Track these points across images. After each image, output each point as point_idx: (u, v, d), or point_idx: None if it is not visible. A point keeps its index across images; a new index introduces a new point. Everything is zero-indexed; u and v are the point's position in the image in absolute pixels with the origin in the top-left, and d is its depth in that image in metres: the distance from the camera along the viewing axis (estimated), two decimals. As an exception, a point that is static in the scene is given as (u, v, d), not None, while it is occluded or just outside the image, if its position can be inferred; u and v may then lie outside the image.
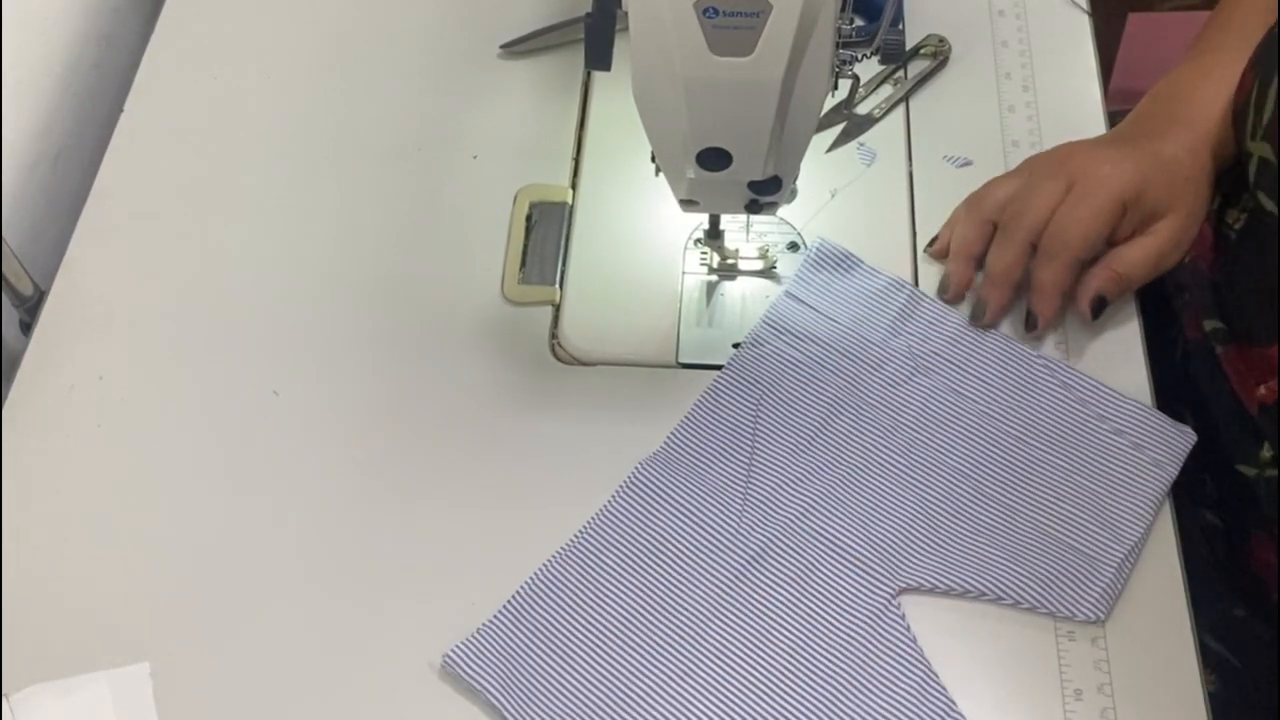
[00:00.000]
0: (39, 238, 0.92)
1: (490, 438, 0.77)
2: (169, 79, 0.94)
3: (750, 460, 0.75)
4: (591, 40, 0.65)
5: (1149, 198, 0.76)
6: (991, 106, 0.90)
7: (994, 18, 0.94)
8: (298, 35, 0.96)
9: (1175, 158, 0.77)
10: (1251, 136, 0.73)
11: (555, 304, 0.83)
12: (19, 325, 0.87)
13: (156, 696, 0.69)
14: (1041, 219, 0.77)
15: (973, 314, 0.79)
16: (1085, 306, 0.77)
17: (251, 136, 0.91)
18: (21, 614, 0.72)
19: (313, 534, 0.75)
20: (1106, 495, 0.73)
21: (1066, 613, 0.70)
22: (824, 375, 0.78)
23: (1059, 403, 0.77)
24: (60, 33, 0.96)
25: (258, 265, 0.85)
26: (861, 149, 0.88)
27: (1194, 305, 0.80)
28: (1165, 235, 0.77)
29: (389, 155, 0.90)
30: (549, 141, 0.90)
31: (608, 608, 0.71)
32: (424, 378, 0.80)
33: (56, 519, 0.75)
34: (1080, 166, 0.77)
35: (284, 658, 0.71)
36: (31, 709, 0.68)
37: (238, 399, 0.79)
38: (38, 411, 0.79)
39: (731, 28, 0.60)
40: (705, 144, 0.67)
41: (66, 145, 0.96)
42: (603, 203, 0.87)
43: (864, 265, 0.82)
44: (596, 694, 0.69)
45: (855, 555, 0.72)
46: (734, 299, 0.83)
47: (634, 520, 0.74)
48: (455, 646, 0.69)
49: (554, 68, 0.94)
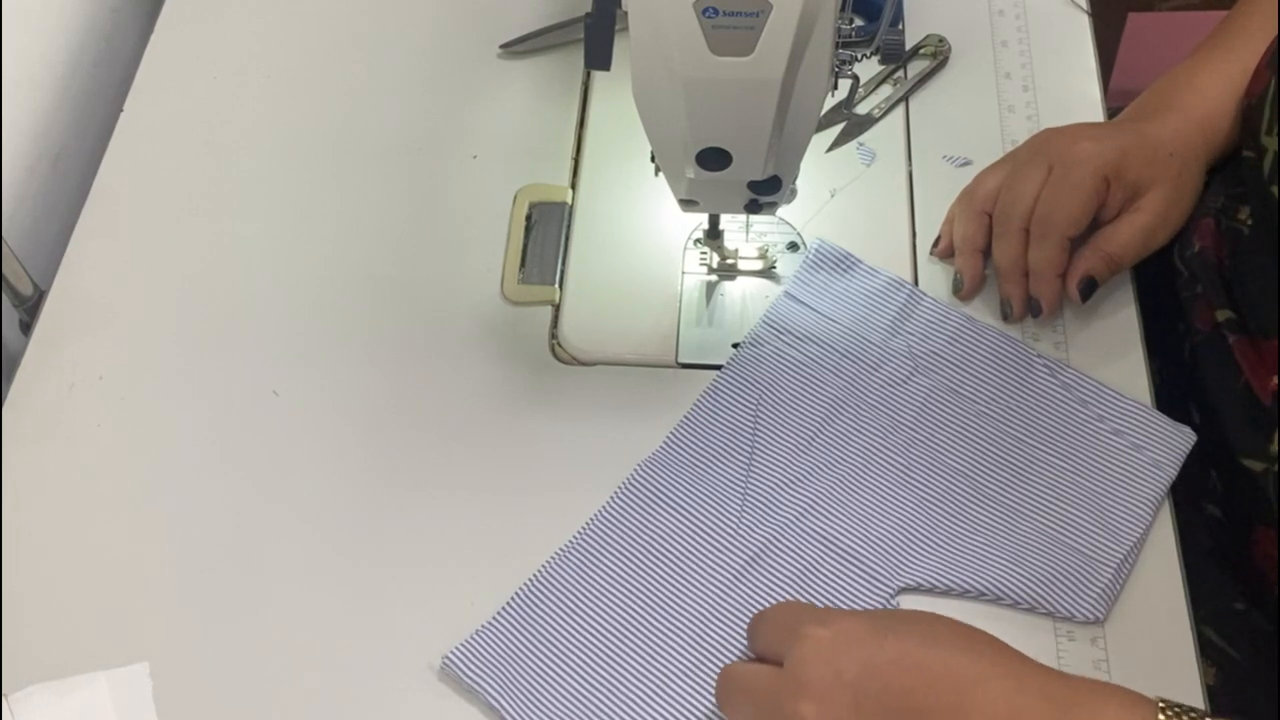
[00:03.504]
0: (39, 238, 0.92)
1: (490, 438, 0.77)
2: (169, 79, 0.94)
3: (750, 460, 0.75)
4: (591, 40, 0.65)
5: (1131, 172, 0.76)
6: (991, 106, 0.90)
7: (994, 18, 0.94)
8: (298, 35, 0.96)
9: (1159, 135, 0.78)
10: (1267, 132, 0.73)
11: (555, 304, 0.83)
12: (19, 325, 0.87)
13: (156, 696, 0.69)
14: (1029, 204, 0.77)
15: (1002, 313, 0.80)
16: (1074, 288, 0.78)
17: (251, 136, 0.91)
18: (21, 614, 0.72)
19: (312, 534, 0.75)
20: (1106, 495, 0.73)
21: (1066, 613, 0.70)
22: (823, 375, 0.78)
23: (1058, 403, 0.77)
24: (60, 33, 0.96)
25: (258, 265, 0.85)
26: (861, 149, 0.89)
27: (1205, 295, 0.80)
28: (1151, 211, 0.77)
29: (389, 155, 0.90)
30: (549, 141, 0.90)
31: (607, 608, 0.71)
32: (424, 378, 0.80)
33: (56, 519, 0.75)
34: (1061, 148, 0.77)
35: (284, 658, 0.71)
36: (31, 709, 0.68)
37: (238, 399, 0.79)
38: (38, 411, 0.79)
39: (731, 28, 0.60)
40: (705, 144, 0.67)
41: (66, 145, 0.96)
42: (603, 203, 0.87)
43: (863, 265, 0.82)
44: (596, 694, 0.69)
45: (855, 555, 0.72)
46: (734, 299, 0.83)
47: (634, 521, 0.74)
48: (455, 647, 0.69)
49: (554, 68, 0.94)
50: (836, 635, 0.60)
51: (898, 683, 0.58)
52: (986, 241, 0.81)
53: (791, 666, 0.60)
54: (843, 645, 0.59)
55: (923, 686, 0.58)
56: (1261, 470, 0.75)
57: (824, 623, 0.61)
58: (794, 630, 0.61)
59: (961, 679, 0.58)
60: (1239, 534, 0.79)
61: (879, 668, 0.58)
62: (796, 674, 0.60)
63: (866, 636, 0.60)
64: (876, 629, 0.60)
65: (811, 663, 0.59)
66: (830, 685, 0.58)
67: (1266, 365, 0.74)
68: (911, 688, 0.58)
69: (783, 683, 0.60)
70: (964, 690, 0.57)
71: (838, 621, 0.61)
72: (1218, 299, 0.79)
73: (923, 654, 0.59)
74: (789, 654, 0.60)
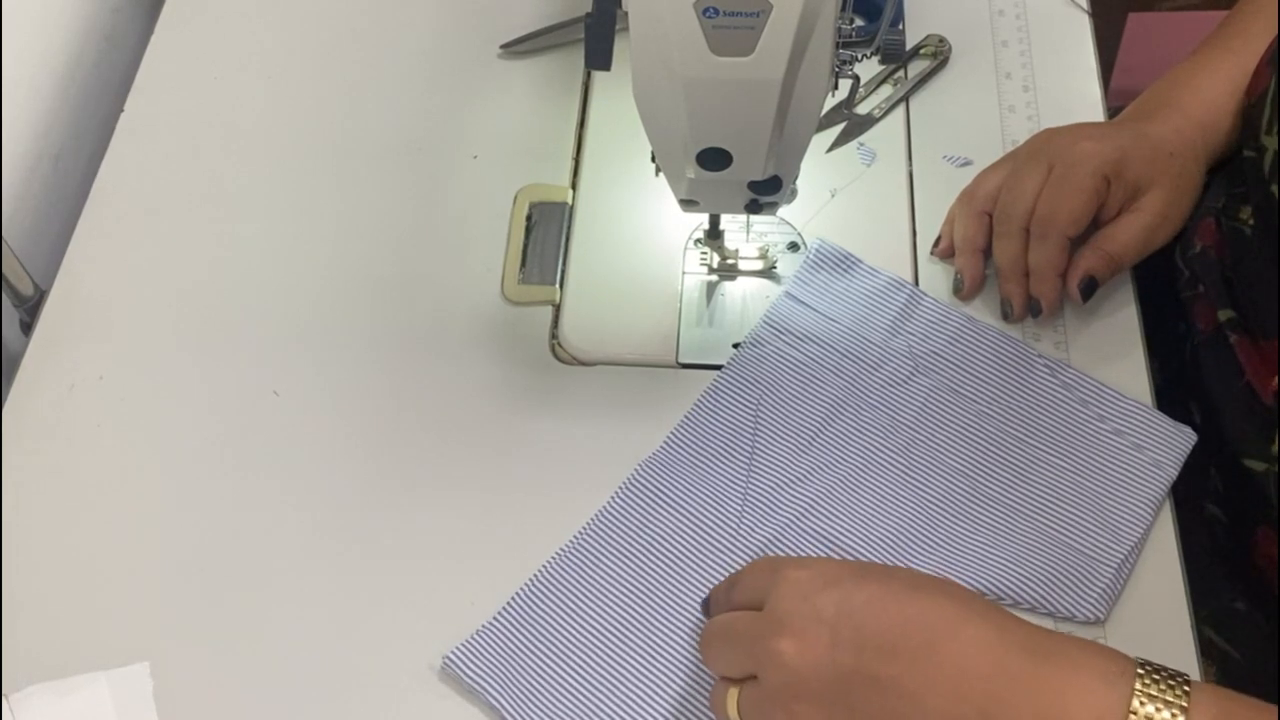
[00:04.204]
0: (39, 238, 0.92)
1: (490, 438, 0.77)
2: (169, 79, 0.94)
3: (750, 460, 0.75)
4: (591, 40, 0.65)
5: (1131, 171, 0.76)
6: (991, 106, 0.90)
7: (994, 18, 0.94)
8: (298, 35, 0.96)
9: (1159, 134, 0.78)
10: (1267, 131, 0.73)
11: (555, 304, 0.83)
12: (19, 325, 0.87)
13: (156, 696, 0.69)
14: (1029, 204, 0.77)
15: (1003, 313, 0.80)
16: (1074, 287, 0.78)
17: (251, 136, 0.91)
18: (21, 614, 0.72)
19: (312, 534, 0.75)
20: (1106, 495, 0.73)
21: (1066, 613, 0.70)
22: (824, 375, 0.78)
23: (1059, 403, 0.77)
24: (60, 32, 0.96)
25: (258, 265, 0.85)
26: (861, 149, 0.89)
27: (1207, 295, 0.80)
28: (1152, 211, 0.77)
29: (389, 155, 0.90)
30: (549, 141, 0.90)
31: (608, 608, 0.71)
32: (424, 378, 0.80)
33: (56, 519, 0.75)
34: (1060, 147, 0.78)
35: (284, 658, 0.71)
36: (31, 709, 0.68)
37: (238, 399, 0.79)
38: (38, 411, 0.79)
39: (731, 28, 0.60)
40: (705, 144, 0.67)
41: (66, 145, 0.96)
42: (603, 203, 0.87)
43: (864, 265, 0.82)
44: (596, 694, 0.69)
45: (855, 555, 0.72)
46: (734, 299, 0.83)
47: (634, 520, 0.74)
48: (455, 647, 0.69)
49: (554, 68, 0.94)
50: (815, 576, 0.60)
51: (873, 622, 0.58)
52: (987, 241, 0.81)
53: (771, 607, 0.60)
54: (821, 585, 0.59)
55: (898, 626, 0.57)
56: (1263, 470, 0.75)
57: (803, 565, 0.61)
58: (773, 574, 0.61)
59: (938, 623, 0.57)
60: (1240, 534, 0.79)
61: (856, 607, 0.58)
62: (775, 613, 0.59)
63: (845, 578, 0.59)
64: (856, 572, 0.60)
65: (790, 600, 0.59)
66: (808, 622, 0.58)
67: (1268, 365, 0.74)
68: (887, 627, 0.57)
69: (762, 624, 0.60)
70: (940, 633, 0.57)
71: (817, 564, 0.61)
72: (1219, 299, 0.79)
73: (902, 596, 0.58)
74: (768, 596, 0.60)
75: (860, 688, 0.57)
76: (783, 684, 0.59)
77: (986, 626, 0.57)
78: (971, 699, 0.56)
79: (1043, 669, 0.56)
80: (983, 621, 0.57)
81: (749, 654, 0.60)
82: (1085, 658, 0.57)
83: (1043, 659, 0.56)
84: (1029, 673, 0.56)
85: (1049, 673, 0.56)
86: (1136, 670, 0.56)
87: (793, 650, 0.58)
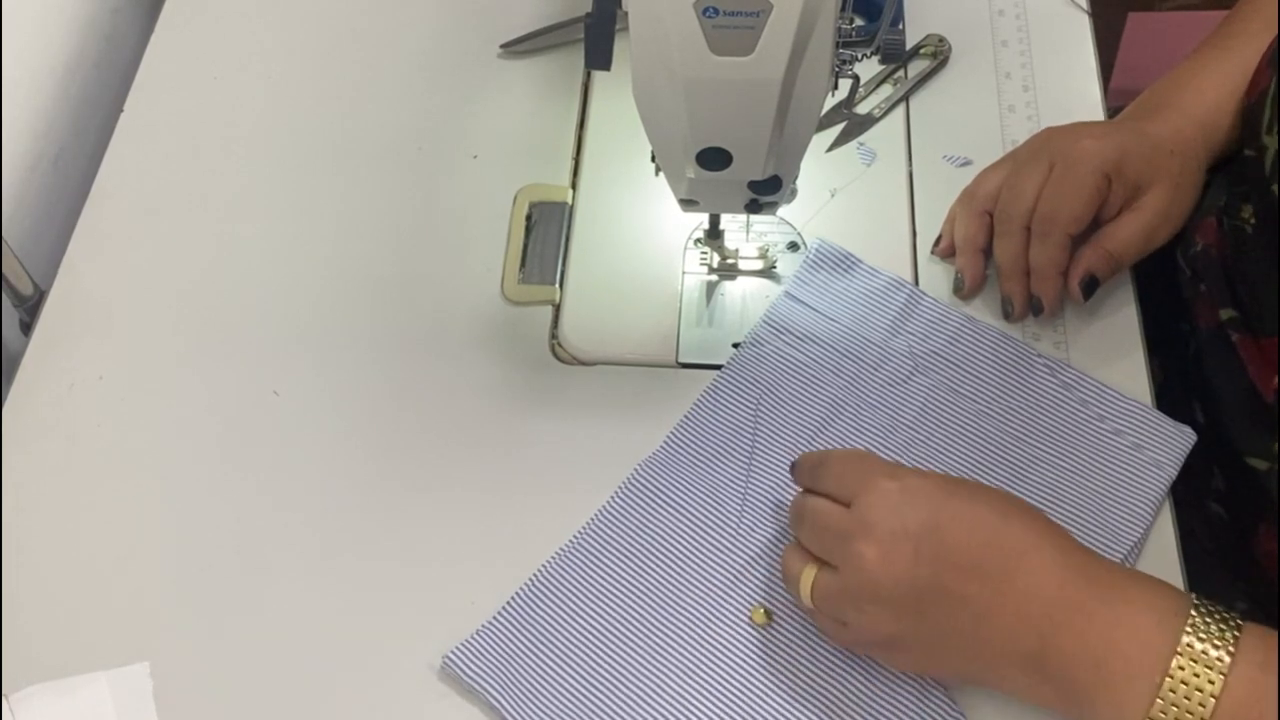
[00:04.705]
0: (39, 238, 0.92)
1: (490, 438, 0.77)
2: (169, 79, 0.94)
3: (750, 460, 0.75)
4: (591, 40, 0.65)
5: (1131, 169, 0.76)
6: (991, 106, 0.90)
7: (994, 18, 0.94)
8: (298, 35, 0.96)
9: (1159, 133, 0.78)
10: (1268, 130, 0.73)
11: (555, 304, 0.83)
12: (19, 325, 0.87)
13: (156, 696, 0.69)
14: (1030, 203, 0.77)
15: (1003, 312, 0.80)
16: (1076, 286, 0.78)
17: (251, 136, 0.91)
18: (21, 614, 0.72)
19: (312, 534, 0.75)
20: (1106, 495, 0.73)
21: (1066, 613, 0.70)
22: (824, 375, 0.78)
23: (1059, 403, 0.77)
24: (60, 32, 0.96)
25: (258, 265, 0.85)
26: (861, 149, 0.89)
27: (1209, 294, 0.80)
28: (1152, 210, 0.77)
29: (389, 155, 0.90)
30: (549, 141, 0.90)
31: (608, 608, 0.71)
32: (424, 378, 0.80)
33: (56, 519, 0.75)
34: (1062, 146, 0.78)
35: (284, 658, 0.71)
36: (31, 709, 0.68)
37: (238, 399, 0.79)
38: (38, 411, 0.79)
39: (731, 27, 0.60)
40: (705, 144, 0.67)
41: (66, 145, 0.96)
42: (603, 203, 0.87)
43: (863, 265, 0.82)
44: (597, 694, 0.69)
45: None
46: (734, 299, 0.83)
47: (634, 520, 0.74)
48: (455, 647, 0.69)
49: (554, 68, 0.94)
50: (905, 488, 0.64)
51: (954, 539, 0.62)
52: (987, 241, 0.81)
53: (860, 510, 0.64)
54: (909, 498, 0.63)
55: (978, 548, 0.62)
56: (1265, 469, 0.75)
57: (894, 476, 0.65)
58: (864, 478, 0.65)
59: (1015, 545, 0.62)
60: (1242, 532, 0.79)
61: (941, 524, 0.62)
62: (865, 517, 0.63)
63: (934, 492, 0.64)
64: (943, 488, 0.64)
65: (879, 508, 0.63)
66: (894, 532, 0.63)
67: (1270, 364, 0.74)
68: (968, 547, 0.62)
69: (851, 523, 0.64)
70: (1014, 555, 0.62)
71: (907, 476, 0.65)
72: (1221, 298, 0.79)
73: (986, 518, 0.63)
74: (858, 499, 0.64)
75: (933, 600, 0.62)
76: (860, 585, 0.63)
77: (1056, 554, 0.62)
78: (1032, 621, 0.61)
79: (1101, 599, 0.61)
80: (1054, 549, 0.63)
81: (833, 547, 0.65)
82: (1140, 592, 0.62)
83: (1105, 588, 0.62)
84: (1088, 603, 0.61)
85: (1106, 604, 0.61)
86: (1190, 609, 0.60)
87: (875, 557, 0.62)
